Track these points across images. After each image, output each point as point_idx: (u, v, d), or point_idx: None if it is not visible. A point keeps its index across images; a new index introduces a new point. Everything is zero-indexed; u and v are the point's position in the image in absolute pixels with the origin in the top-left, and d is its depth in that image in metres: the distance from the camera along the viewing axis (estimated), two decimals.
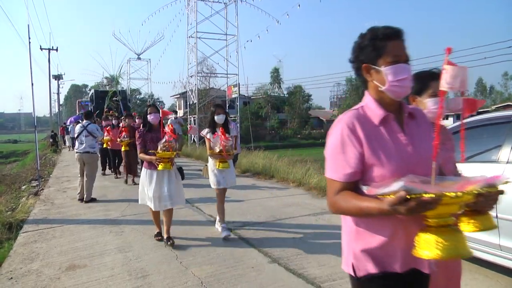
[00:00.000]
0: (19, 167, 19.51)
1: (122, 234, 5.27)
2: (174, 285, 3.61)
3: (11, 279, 3.87)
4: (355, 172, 1.46)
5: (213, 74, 27.32)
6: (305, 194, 7.81)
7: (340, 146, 1.48)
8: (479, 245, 3.48)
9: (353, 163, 1.45)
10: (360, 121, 1.50)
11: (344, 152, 1.47)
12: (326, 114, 59.63)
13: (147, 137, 4.75)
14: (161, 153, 4.45)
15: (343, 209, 1.48)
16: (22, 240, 5.14)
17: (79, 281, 3.74)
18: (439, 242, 1.24)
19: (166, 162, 4.50)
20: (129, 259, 4.31)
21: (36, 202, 7.61)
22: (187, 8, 21.88)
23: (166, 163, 4.49)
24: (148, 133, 4.78)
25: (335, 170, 1.49)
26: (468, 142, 4.06)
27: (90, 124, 7.89)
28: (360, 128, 1.48)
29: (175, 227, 5.39)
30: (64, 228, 5.68)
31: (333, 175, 1.50)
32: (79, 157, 7.71)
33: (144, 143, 4.72)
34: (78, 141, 7.80)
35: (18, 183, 11.37)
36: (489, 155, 3.58)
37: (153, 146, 4.62)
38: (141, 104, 46.88)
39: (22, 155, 33.62)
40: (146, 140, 4.73)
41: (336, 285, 3.54)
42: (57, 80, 46.43)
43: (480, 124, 3.94)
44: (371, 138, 1.48)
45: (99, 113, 16.32)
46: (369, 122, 1.51)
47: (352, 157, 1.46)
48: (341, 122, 1.52)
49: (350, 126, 1.48)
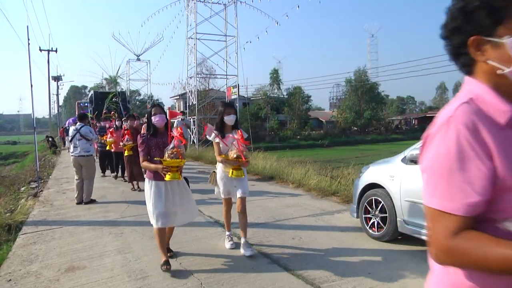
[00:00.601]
0: (18, 169, 19.51)
1: (122, 235, 5.27)
2: (173, 286, 3.61)
3: (10, 281, 3.86)
4: (482, 201, 0.94)
5: (213, 75, 27.36)
6: (305, 195, 7.81)
7: (457, 159, 0.95)
8: None
9: (480, 186, 0.94)
10: (482, 121, 0.97)
11: (464, 168, 0.94)
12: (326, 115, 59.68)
13: (151, 142, 4.04)
14: (168, 161, 3.75)
15: (471, 260, 0.93)
16: (21, 242, 5.13)
17: (79, 283, 3.74)
18: None
19: (175, 171, 3.82)
20: (128, 260, 4.31)
21: (35, 204, 7.60)
22: (186, 9, 21.88)
23: (174, 173, 3.82)
24: (153, 138, 4.07)
25: (450, 198, 0.96)
26: None
27: (84, 126, 7.76)
28: (486, 131, 0.96)
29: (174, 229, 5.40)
30: (64, 229, 5.67)
31: (446, 205, 0.96)
32: (74, 161, 7.64)
33: (147, 150, 4.03)
34: (72, 144, 7.74)
35: (17, 184, 11.38)
36: None
37: (159, 153, 3.95)
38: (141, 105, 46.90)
39: (21, 156, 33.60)
40: (150, 146, 4.04)
41: (335, 285, 3.54)
42: (57, 82, 46.52)
43: None
44: (503, 146, 0.96)
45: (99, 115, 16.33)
46: (492, 123, 0.98)
47: (478, 176, 0.94)
48: (454, 121, 0.98)
49: (471, 128, 0.96)
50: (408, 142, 31.83)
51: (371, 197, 4.91)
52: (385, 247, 4.55)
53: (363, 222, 5.02)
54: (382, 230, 4.69)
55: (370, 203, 4.93)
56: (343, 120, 51.13)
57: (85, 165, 7.61)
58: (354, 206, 5.28)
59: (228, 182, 4.39)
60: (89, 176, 7.60)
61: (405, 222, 4.37)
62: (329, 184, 8.05)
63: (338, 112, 52.92)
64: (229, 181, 4.38)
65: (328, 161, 17.59)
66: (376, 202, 4.83)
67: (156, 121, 4.07)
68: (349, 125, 51.68)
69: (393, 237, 4.62)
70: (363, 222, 5.03)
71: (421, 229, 4.15)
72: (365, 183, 5.09)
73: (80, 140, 7.58)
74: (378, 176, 4.90)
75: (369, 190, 5.01)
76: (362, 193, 5.11)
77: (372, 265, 4.00)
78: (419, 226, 4.18)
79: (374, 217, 4.85)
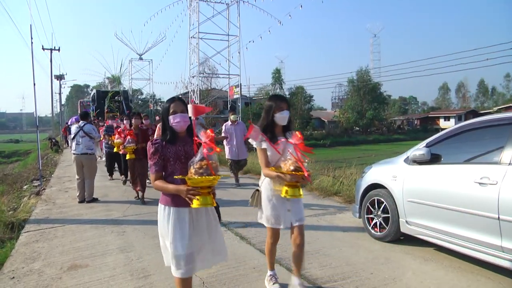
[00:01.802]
0: (20, 167, 19.55)
1: (124, 234, 5.28)
2: (175, 285, 3.60)
3: (13, 279, 3.88)
4: None
5: (215, 74, 27.39)
6: (307, 195, 7.80)
7: None
8: (481, 247, 3.48)
9: None
10: None
11: None
12: (328, 115, 59.70)
13: (169, 152, 2.70)
14: (196, 179, 2.45)
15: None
16: (24, 240, 5.15)
17: (81, 281, 3.75)
18: None
19: (206, 194, 2.51)
20: (130, 259, 4.32)
21: (38, 202, 7.62)
22: (189, 8, 21.90)
23: (205, 196, 2.50)
24: (170, 145, 2.72)
25: None
26: (470, 143, 4.08)
27: (87, 124, 7.73)
28: None
29: None
30: (66, 228, 5.69)
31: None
32: (76, 159, 7.57)
33: (162, 163, 2.70)
34: (74, 142, 7.64)
35: (20, 182, 11.40)
36: (491, 156, 3.58)
37: (181, 167, 2.68)
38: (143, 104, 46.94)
39: (24, 155, 33.69)
40: (166, 158, 2.69)
41: (337, 286, 3.53)
42: (59, 80, 46.54)
43: (482, 126, 3.95)
44: None
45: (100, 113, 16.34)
46: None
47: None
48: None
49: None
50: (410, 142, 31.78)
51: (374, 197, 4.90)
52: (387, 247, 4.54)
53: (366, 222, 5.01)
54: (385, 230, 4.69)
55: (372, 203, 4.92)
56: (345, 120, 51.14)
57: (86, 164, 7.57)
58: (356, 206, 5.28)
59: (279, 204, 3.21)
60: (90, 175, 7.57)
61: (408, 223, 4.36)
62: (331, 184, 8.05)
63: (340, 112, 52.96)
64: (281, 203, 3.20)
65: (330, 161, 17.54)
66: (378, 203, 4.83)
67: (176, 122, 2.69)
68: (351, 125, 51.70)
69: (395, 237, 4.61)
70: (365, 222, 5.02)
71: (423, 229, 4.15)
72: (367, 183, 5.08)
73: (83, 137, 7.54)
74: (380, 176, 4.89)
75: (372, 190, 5.00)
76: (365, 193, 5.10)
77: (374, 265, 4.00)
78: (421, 227, 4.18)
79: (376, 217, 4.84)
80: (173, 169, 2.69)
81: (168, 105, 2.76)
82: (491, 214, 3.34)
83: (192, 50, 21.74)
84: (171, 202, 2.68)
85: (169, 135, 2.74)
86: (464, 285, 3.52)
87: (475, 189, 3.52)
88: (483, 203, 3.43)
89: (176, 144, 2.73)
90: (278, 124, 3.24)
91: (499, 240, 3.31)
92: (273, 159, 3.21)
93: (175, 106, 2.72)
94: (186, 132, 2.80)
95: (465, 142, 4.07)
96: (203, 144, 2.54)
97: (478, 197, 3.49)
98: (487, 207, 3.39)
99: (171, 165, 2.70)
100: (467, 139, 4.05)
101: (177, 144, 2.74)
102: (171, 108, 2.72)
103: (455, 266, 3.91)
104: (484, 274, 3.67)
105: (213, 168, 2.51)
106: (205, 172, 2.47)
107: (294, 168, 2.96)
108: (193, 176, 2.47)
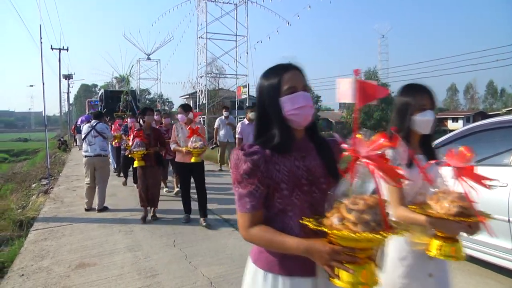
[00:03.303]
0: (29, 166, 19.72)
1: (132, 233, 5.30)
2: (183, 284, 3.62)
3: (23, 276, 3.92)
4: None
5: (223, 74, 27.40)
6: None
7: None
8: (492, 250, 3.45)
9: None
10: None
11: None
12: (335, 115, 59.51)
13: (278, 171, 1.38)
14: (356, 235, 1.15)
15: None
16: (32, 238, 5.20)
17: (89, 279, 3.78)
18: None
19: (363, 263, 1.23)
20: (138, 258, 4.34)
21: (46, 201, 7.69)
22: (197, 9, 21.94)
23: (362, 265, 1.22)
24: (280, 157, 1.40)
25: None
26: (479, 145, 4.05)
27: (99, 123, 6.95)
28: None
29: (184, 227, 5.43)
30: (74, 226, 5.73)
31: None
32: (89, 162, 6.68)
33: (265, 192, 1.39)
34: (85, 142, 6.80)
35: (28, 181, 11.51)
36: (501, 158, 3.55)
37: (301, 202, 1.42)
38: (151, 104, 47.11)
39: (32, 153, 33.96)
40: (276, 181, 1.38)
41: None
42: (67, 80, 46.88)
43: (491, 127, 3.91)
44: None
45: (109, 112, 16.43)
46: None
47: None
48: None
49: None
50: None
51: None
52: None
53: None
54: None
55: None
56: (352, 121, 50.97)
57: (99, 167, 6.74)
58: None
59: (418, 268, 1.84)
60: (103, 180, 6.78)
61: None
62: None
63: (348, 113, 52.76)
64: (420, 265, 1.84)
65: None
66: None
67: (295, 110, 1.40)
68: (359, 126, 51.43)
69: None
70: None
71: None
72: None
73: (96, 137, 6.75)
74: None
75: None
76: None
77: None
78: None
79: None
80: (285, 205, 1.39)
81: (277, 79, 1.41)
82: (501, 216, 3.30)
83: (200, 50, 21.78)
84: (278, 266, 1.39)
85: (279, 136, 1.40)
86: (472, 287, 3.49)
87: (484, 191, 3.48)
88: (493, 205, 3.39)
89: (292, 156, 1.42)
90: (417, 132, 1.93)
91: (509, 243, 3.27)
92: (410, 190, 1.86)
93: (293, 78, 1.41)
94: (304, 132, 1.48)
95: (474, 144, 4.04)
96: (372, 164, 1.26)
97: (487, 199, 3.45)
98: (497, 209, 3.35)
99: (283, 197, 1.38)
100: (476, 141, 4.01)
101: (292, 155, 1.42)
102: (284, 83, 1.40)
103: (463, 268, 3.87)
104: (494, 277, 3.64)
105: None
106: (378, 225, 1.17)
107: (459, 211, 1.68)
108: (350, 226, 1.16)
